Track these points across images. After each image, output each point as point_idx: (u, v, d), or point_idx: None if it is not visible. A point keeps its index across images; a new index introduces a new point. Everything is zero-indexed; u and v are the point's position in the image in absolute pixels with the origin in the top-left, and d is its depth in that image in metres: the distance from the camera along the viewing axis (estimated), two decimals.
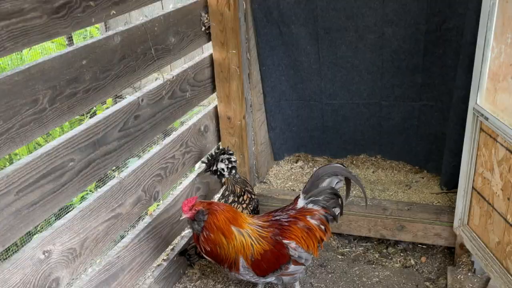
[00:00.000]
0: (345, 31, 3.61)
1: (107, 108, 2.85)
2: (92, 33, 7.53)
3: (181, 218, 2.65)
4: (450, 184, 3.56)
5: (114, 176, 2.61)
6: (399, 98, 3.78)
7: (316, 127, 4.04)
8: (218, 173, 3.14)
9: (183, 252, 3.22)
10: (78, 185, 2.32)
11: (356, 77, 3.78)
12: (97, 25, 6.36)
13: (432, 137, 3.77)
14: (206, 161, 3.19)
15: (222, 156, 3.14)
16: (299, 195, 2.85)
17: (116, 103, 2.64)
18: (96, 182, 2.65)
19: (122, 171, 2.68)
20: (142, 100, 2.66)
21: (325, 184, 2.81)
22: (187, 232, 3.33)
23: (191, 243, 3.20)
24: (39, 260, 2.14)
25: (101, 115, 2.41)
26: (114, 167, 2.60)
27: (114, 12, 2.38)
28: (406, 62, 3.62)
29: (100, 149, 2.41)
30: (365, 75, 3.76)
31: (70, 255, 2.31)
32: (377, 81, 3.76)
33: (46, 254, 2.17)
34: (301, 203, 2.82)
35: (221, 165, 3.12)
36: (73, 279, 2.38)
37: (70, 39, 5.22)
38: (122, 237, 2.94)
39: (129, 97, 2.62)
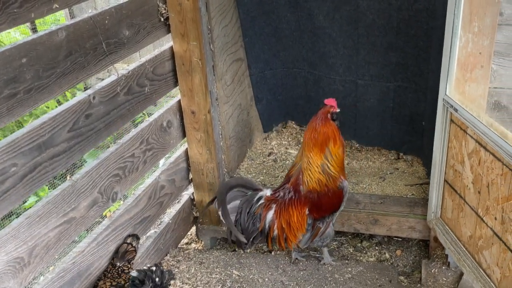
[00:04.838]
0: (322, 0, 3.60)
1: None
2: (61, 20, 7.32)
3: (338, 110, 2.92)
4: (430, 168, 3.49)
5: None
6: (374, 78, 3.77)
7: (301, 96, 4.09)
8: None
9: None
10: (23, 191, 2.18)
11: (332, 51, 3.78)
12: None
13: (407, 119, 3.76)
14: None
15: None
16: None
17: None
18: None
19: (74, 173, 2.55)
20: (93, 98, 2.52)
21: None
22: (152, 232, 3.21)
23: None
24: None
25: (46, 116, 2.27)
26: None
27: (57, 6, 2.23)
28: (381, 39, 3.61)
29: (47, 151, 2.27)
30: (341, 49, 3.75)
31: (17, 265, 2.18)
32: (353, 56, 3.75)
33: None
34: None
35: None
36: None
37: (34, 29, 5.04)
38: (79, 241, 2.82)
39: (78, 96, 2.47)
